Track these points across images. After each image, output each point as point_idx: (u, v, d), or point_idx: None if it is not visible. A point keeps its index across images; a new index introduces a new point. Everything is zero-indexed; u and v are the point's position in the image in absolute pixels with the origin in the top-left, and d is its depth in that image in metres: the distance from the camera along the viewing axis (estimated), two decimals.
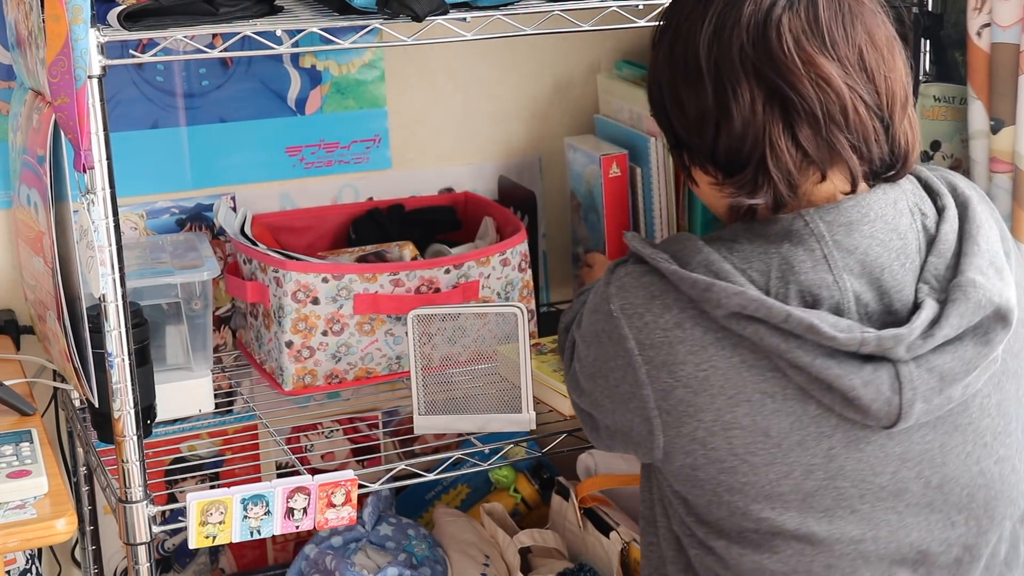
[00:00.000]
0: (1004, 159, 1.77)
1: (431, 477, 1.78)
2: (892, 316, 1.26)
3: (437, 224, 2.16)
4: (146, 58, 1.53)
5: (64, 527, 1.46)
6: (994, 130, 1.77)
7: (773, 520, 1.28)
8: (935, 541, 1.30)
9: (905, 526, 1.29)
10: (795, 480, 1.27)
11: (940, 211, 1.33)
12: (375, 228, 2.11)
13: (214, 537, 1.59)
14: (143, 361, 1.68)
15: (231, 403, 2.04)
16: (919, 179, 1.36)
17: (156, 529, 1.60)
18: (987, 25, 1.78)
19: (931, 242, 1.30)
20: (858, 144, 1.27)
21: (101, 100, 1.44)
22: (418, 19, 1.54)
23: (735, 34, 1.26)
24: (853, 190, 1.30)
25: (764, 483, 1.27)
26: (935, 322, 1.24)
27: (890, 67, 1.28)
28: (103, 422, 1.67)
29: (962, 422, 1.28)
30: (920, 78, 1.98)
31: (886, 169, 1.31)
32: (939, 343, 1.23)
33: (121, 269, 1.50)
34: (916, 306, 1.26)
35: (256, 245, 1.91)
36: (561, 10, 1.66)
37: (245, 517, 1.59)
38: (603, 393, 1.37)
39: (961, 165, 1.92)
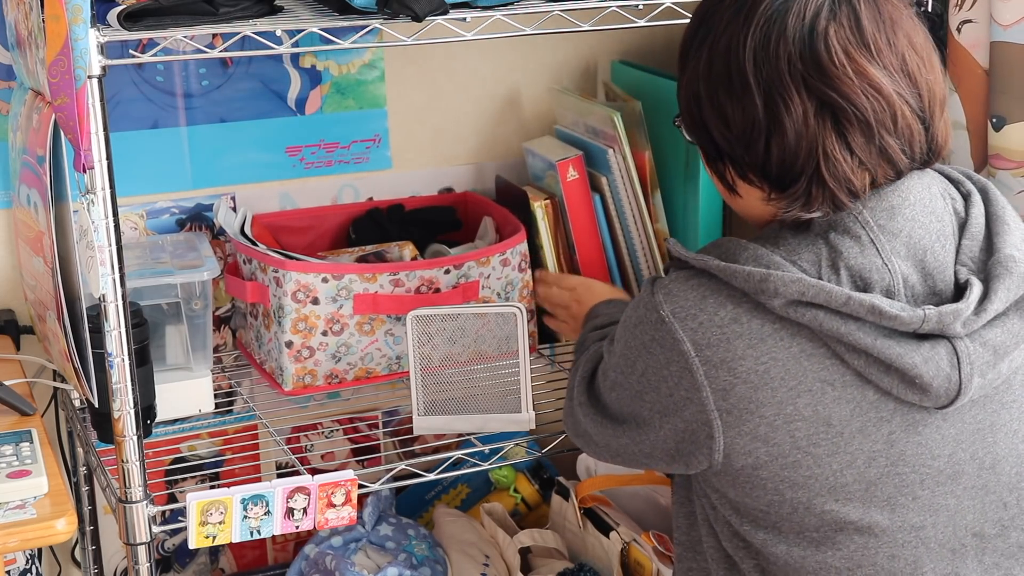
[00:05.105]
0: (1009, 156, 1.79)
1: (431, 477, 1.78)
2: (936, 297, 1.29)
3: (437, 224, 2.16)
4: (146, 58, 1.53)
5: (64, 527, 1.45)
6: (996, 127, 1.79)
7: (836, 512, 1.29)
8: (989, 523, 1.32)
9: (962, 509, 1.31)
10: (858, 469, 1.28)
11: (965, 196, 1.36)
12: (375, 228, 2.11)
13: (214, 537, 1.59)
14: (143, 361, 1.68)
15: (231, 403, 2.04)
16: (937, 170, 1.39)
17: (156, 529, 1.60)
18: (968, 21, 1.81)
19: (962, 225, 1.33)
20: (904, 147, 1.29)
21: (101, 100, 1.44)
22: (418, 19, 1.54)
23: (782, 46, 1.26)
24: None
25: (828, 474, 1.28)
26: (983, 298, 1.26)
27: (930, 69, 1.30)
28: (103, 422, 1.67)
29: (1008, 399, 1.31)
30: None
31: (922, 164, 1.34)
32: (990, 318, 1.26)
33: (121, 269, 1.50)
34: (958, 286, 1.29)
35: (256, 245, 1.91)
36: (561, 10, 1.66)
37: (245, 517, 1.59)
38: (652, 408, 1.35)
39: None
